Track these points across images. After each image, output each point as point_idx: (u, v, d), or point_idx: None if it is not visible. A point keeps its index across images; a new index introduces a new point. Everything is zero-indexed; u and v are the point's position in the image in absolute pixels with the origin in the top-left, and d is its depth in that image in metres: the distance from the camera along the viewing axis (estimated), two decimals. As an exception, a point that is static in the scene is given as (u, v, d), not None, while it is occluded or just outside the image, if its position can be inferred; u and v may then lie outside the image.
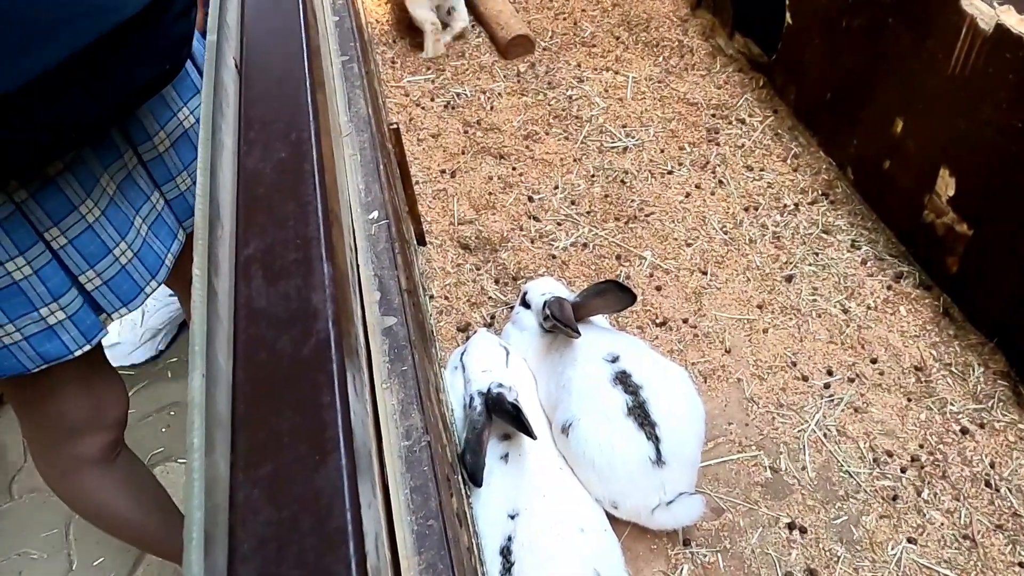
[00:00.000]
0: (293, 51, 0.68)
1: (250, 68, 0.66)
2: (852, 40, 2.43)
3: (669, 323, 2.27)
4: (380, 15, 3.68)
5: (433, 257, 2.53)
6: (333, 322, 0.45)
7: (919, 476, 1.88)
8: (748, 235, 2.49)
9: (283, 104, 0.62)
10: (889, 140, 2.33)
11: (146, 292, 1.39)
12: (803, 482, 1.89)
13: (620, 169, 2.76)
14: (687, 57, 3.22)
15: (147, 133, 1.36)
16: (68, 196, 1.23)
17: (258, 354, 0.45)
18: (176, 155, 1.43)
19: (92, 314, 1.33)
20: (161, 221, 1.44)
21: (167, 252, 1.44)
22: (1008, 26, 1.83)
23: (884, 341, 2.15)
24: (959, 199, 2.10)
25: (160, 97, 1.37)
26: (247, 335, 0.45)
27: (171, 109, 1.40)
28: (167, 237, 1.45)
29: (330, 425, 0.43)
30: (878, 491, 1.86)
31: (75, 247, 1.26)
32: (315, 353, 0.44)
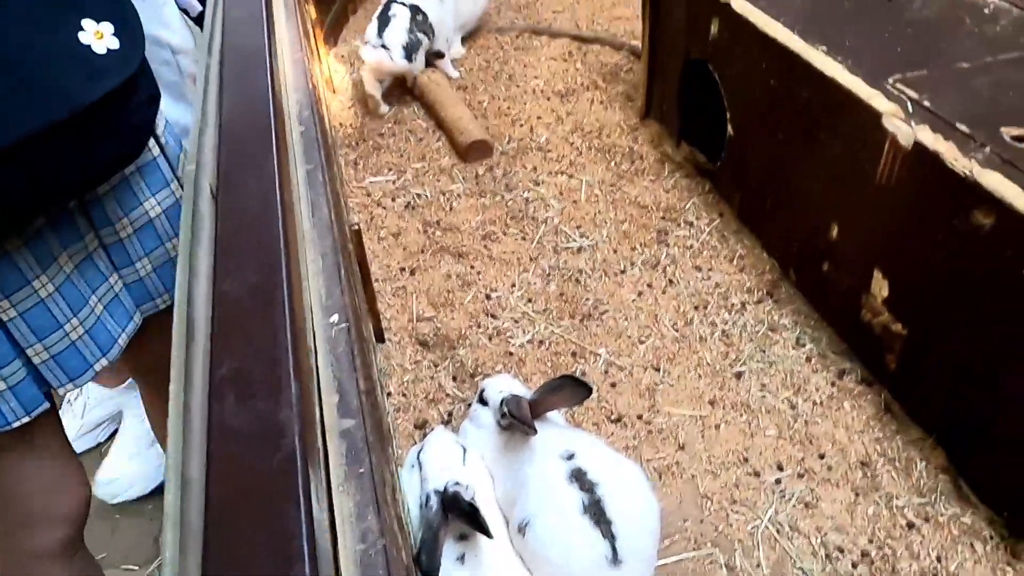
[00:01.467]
0: (266, 179, 0.74)
1: (225, 195, 0.71)
2: (788, 151, 2.61)
3: (624, 419, 2.31)
4: (345, 119, 3.82)
5: (392, 354, 2.55)
6: (299, 437, 0.48)
7: (870, 572, 1.91)
8: (698, 333, 2.58)
9: (256, 231, 0.67)
10: (826, 243, 2.47)
11: (95, 369, 1.39)
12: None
13: (575, 268, 2.86)
14: (637, 163, 3.39)
15: (110, 219, 1.40)
16: (22, 270, 1.25)
17: (230, 468, 0.47)
18: (138, 242, 1.46)
19: (35, 386, 1.32)
20: (118, 302, 1.46)
21: (121, 332, 1.45)
22: (925, 143, 2.00)
23: (831, 436, 2.22)
24: (893, 300, 2.23)
25: (127, 185, 1.41)
26: (220, 451, 0.48)
27: (138, 199, 1.44)
28: (122, 317, 1.46)
29: (295, 536, 0.45)
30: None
31: (25, 320, 1.27)
32: (282, 466, 0.47)
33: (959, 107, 2.11)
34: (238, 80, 0.94)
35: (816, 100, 2.40)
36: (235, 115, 0.85)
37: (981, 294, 1.92)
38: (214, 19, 1.39)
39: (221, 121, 0.85)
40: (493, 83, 4.03)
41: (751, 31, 2.63)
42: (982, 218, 1.86)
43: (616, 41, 4.26)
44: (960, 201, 1.91)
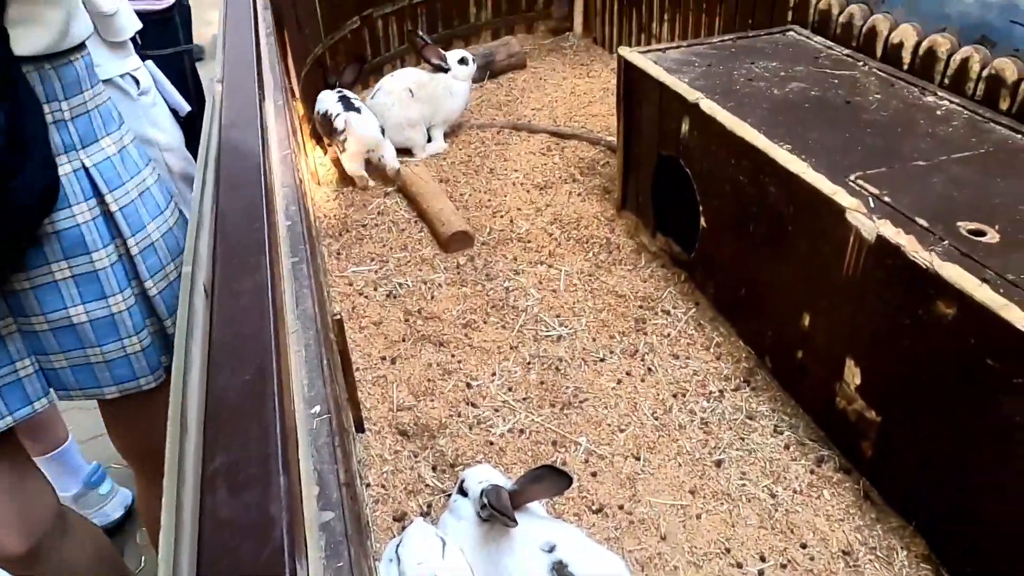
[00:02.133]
0: (259, 279, 0.78)
1: (219, 293, 0.74)
2: (759, 243, 2.71)
3: (605, 509, 2.30)
4: (329, 210, 3.91)
5: (371, 444, 2.54)
6: (287, 530, 0.50)
7: (857, 667, 1.88)
8: (678, 421, 2.60)
9: (248, 329, 0.70)
10: (799, 332, 2.54)
11: None
12: (744, 677, 1.86)
13: (555, 357, 2.89)
14: (615, 253, 3.49)
15: (26, 311, 1.44)
16: None
17: (220, 560, 0.49)
18: (55, 338, 1.49)
19: None
20: (17, 385, 1.48)
21: (8, 414, 1.48)
22: (887, 237, 2.09)
23: (811, 525, 2.22)
24: (865, 387, 2.27)
25: (55, 288, 1.44)
26: (211, 542, 0.49)
27: (63, 302, 1.46)
28: (16, 401, 1.49)
29: (281, 629, 0.47)
30: None
31: None
32: (270, 559, 0.48)
33: (917, 203, 2.23)
34: (233, 184, 1.00)
35: (783, 196, 2.51)
36: (230, 218, 0.90)
37: (948, 382, 1.97)
38: (211, 122, 1.46)
39: (216, 222, 0.90)
40: (474, 176, 4.16)
41: (719, 130, 2.78)
42: (944, 308, 1.93)
43: (592, 137, 4.44)
44: (923, 292, 1.98)
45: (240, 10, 2.06)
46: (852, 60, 3.28)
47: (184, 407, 0.63)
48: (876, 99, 2.90)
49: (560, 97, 5.04)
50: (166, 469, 0.57)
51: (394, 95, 4.28)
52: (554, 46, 5.91)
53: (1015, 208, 2.18)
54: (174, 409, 0.61)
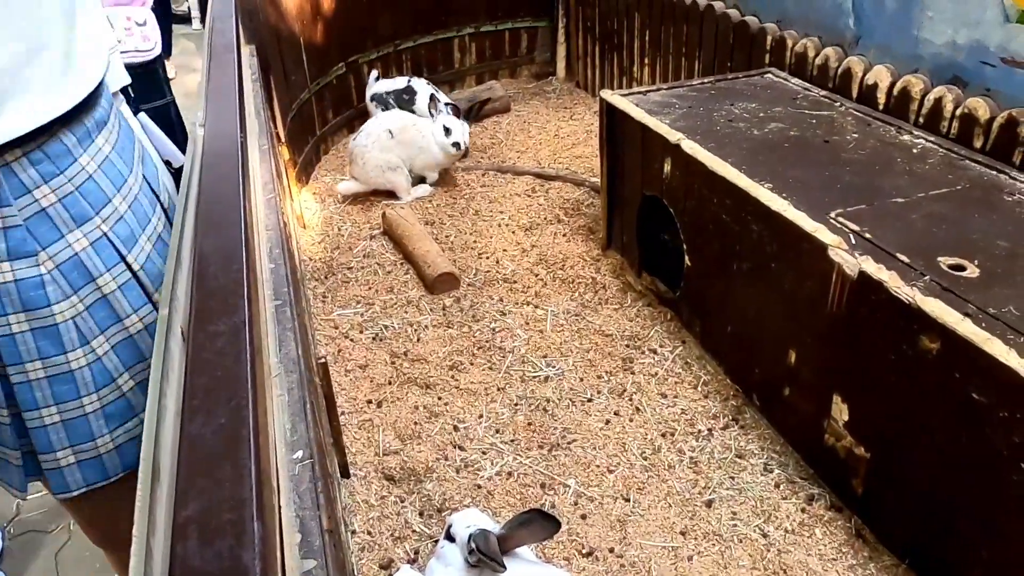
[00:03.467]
0: (237, 324, 0.77)
1: (196, 336, 0.73)
2: (743, 281, 2.72)
3: (595, 553, 2.26)
4: (314, 253, 3.91)
5: (357, 489, 2.49)
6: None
7: None
8: (667, 460, 2.58)
9: (225, 372, 0.69)
10: (785, 369, 2.54)
11: None
12: None
13: (542, 397, 2.87)
14: (600, 292, 3.49)
15: None
16: None
17: (189, 612, 0.47)
18: None
19: None
20: None
21: None
22: (869, 273, 2.11)
23: (804, 565, 2.18)
24: (854, 424, 2.27)
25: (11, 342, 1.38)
26: (180, 594, 0.48)
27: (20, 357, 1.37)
28: None
29: None
30: None
31: None
32: (242, 609, 0.47)
33: (898, 239, 2.25)
34: (213, 226, 0.99)
35: (766, 234, 2.53)
36: (209, 260, 0.89)
37: (935, 417, 1.97)
38: (192, 165, 1.47)
39: (194, 265, 0.89)
40: (460, 218, 4.18)
41: (701, 170, 2.81)
42: (929, 343, 1.94)
43: (576, 178, 4.49)
44: (907, 327, 1.99)
45: (224, 55, 2.08)
46: (829, 101, 3.35)
47: (157, 454, 0.62)
48: (854, 138, 2.96)
49: (544, 139, 5.10)
50: (136, 519, 0.56)
51: (373, 136, 4.31)
52: (537, 90, 6.00)
53: (993, 243, 2.20)
54: (146, 455, 0.60)
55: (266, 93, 3.54)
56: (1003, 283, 2.02)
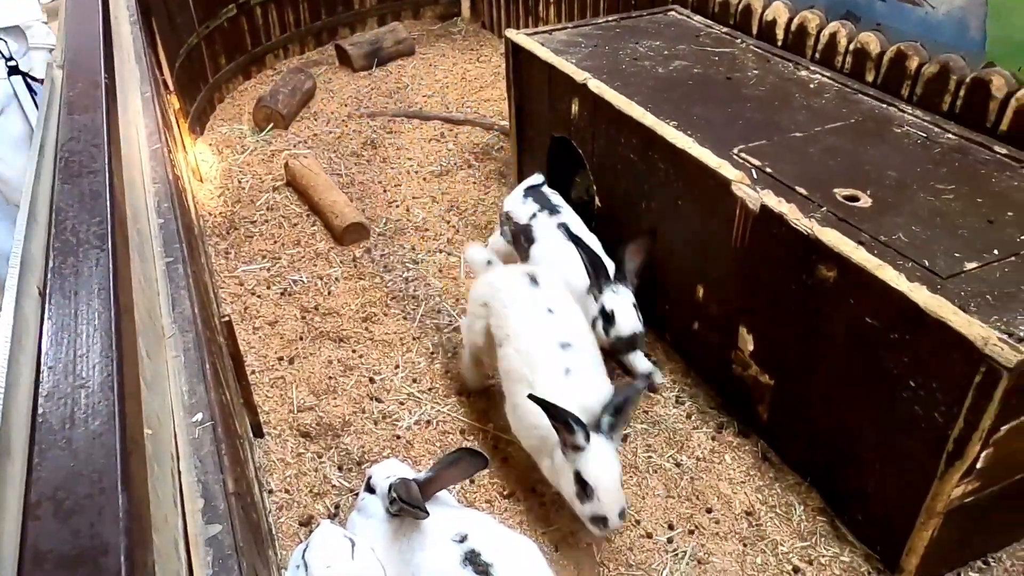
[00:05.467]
0: (100, 279, 0.70)
1: (53, 296, 0.66)
2: (652, 219, 2.75)
3: (517, 494, 2.29)
4: (213, 207, 3.72)
5: (272, 448, 2.43)
6: (126, 556, 0.44)
7: (764, 622, 1.95)
8: (583, 399, 2.61)
9: (87, 333, 0.63)
10: (694, 304, 2.60)
11: None
12: (659, 644, 1.90)
13: (459, 344, 2.86)
14: (513, 237, 3.47)
15: None
16: None
17: (41, 598, 0.43)
18: None
19: None
20: None
21: None
22: (770, 206, 2.16)
23: (715, 490, 2.28)
24: (758, 353, 2.36)
25: None
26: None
27: None
28: None
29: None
30: (729, 643, 1.90)
31: None
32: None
33: (797, 172, 2.32)
34: (71, 177, 0.90)
35: (672, 172, 2.56)
36: (68, 211, 0.81)
37: (832, 343, 2.06)
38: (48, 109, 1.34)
39: (52, 217, 0.81)
40: (367, 166, 4.06)
41: (608, 110, 2.80)
42: (826, 272, 2.01)
43: (486, 122, 4.41)
44: (806, 258, 2.06)
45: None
46: (730, 38, 3.38)
47: (5, 430, 0.56)
48: (754, 75, 3.00)
49: (451, 83, 4.98)
50: (-19, 500, 0.51)
51: None
52: (442, 32, 5.84)
53: (884, 174, 2.29)
54: (-7, 430, 0.55)
55: (148, 37, 3.29)
56: (893, 212, 2.11)
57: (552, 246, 2.74)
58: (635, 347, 2.51)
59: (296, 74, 4.75)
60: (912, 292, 1.79)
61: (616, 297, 2.47)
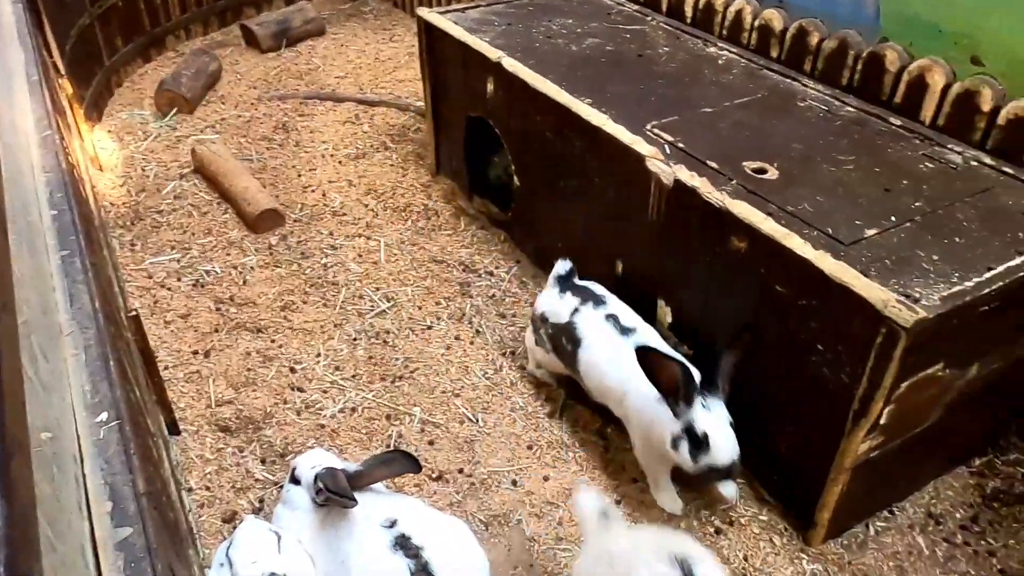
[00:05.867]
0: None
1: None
2: (570, 197, 2.77)
3: (445, 476, 2.29)
4: (116, 197, 3.54)
5: (189, 446, 2.35)
6: (6, 567, 0.41)
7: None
8: (509, 379, 2.63)
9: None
10: (614, 279, 2.64)
11: None
12: (590, 613, 1.94)
13: (381, 330, 2.82)
14: (433, 219, 3.45)
15: None
16: None
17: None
18: None
19: None
20: None
21: None
22: (683, 180, 2.21)
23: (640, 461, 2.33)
24: (677, 325, 2.41)
25: None
26: None
27: None
28: None
29: None
30: (657, 607, 1.95)
31: None
32: (-17, 604, 0.40)
33: (707, 147, 2.37)
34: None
35: (588, 149, 2.58)
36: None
37: (745, 311, 2.13)
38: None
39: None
40: (279, 151, 3.94)
41: (523, 88, 2.80)
42: (737, 243, 2.08)
43: (401, 103, 4.34)
44: (718, 229, 2.12)
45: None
46: (641, 15, 3.42)
47: None
48: (665, 51, 3.05)
49: (364, 63, 4.88)
50: None
51: None
52: (353, 11, 5.70)
53: (789, 146, 2.37)
54: None
55: (34, 17, 3.08)
56: (799, 183, 2.19)
57: (605, 347, 2.25)
58: (730, 477, 2.02)
59: (200, 56, 4.55)
60: (817, 259, 1.87)
61: (709, 416, 1.95)
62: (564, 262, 2.52)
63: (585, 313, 2.34)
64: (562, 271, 2.51)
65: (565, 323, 2.36)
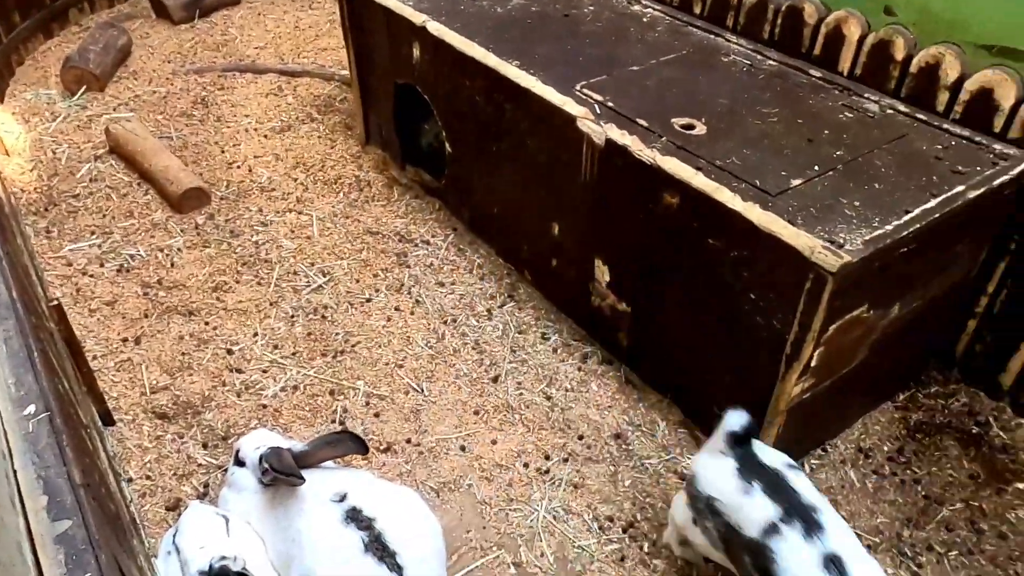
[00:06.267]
0: None
1: None
2: (502, 161, 2.76)
3: (393, 447, 2.29)
4: (26, 183, 3.36)
5: (126, 435, 2.28)
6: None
7: (639, 532, 2.07)
8: (452, 346, 2.63)
9: None
10: (551, 241, 2.66)
11: None
12: (544, 568, 1.98)
13: (319, 305, 2.78)
14: (366, 191, 3.39)
15: None
16: None
17: None
18: None
19: None
20: None
21: None
22: (614, 139, 2.23)
23: (585, 418, 2.38)
24: (614, 283, 2.45)
25: None
26: None
27: None
28: None
29: None
30: (608, 556, 2.01)
31: None
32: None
33: (636, 105, 2.39)
34: None
35: (519, 112, 2.57)
36: None
37: (679, 266, 2.17)
38: None
39: None
40: (200, 127, 3.79)
41: (450, 52, 2.75)
42: (669, 199, 2.11)
43: (325, 72, 4.22)
44: (650, 186, 2.15)
45: None
46: (564, -25, 3.39)
47: None
48: (590, 11, 3.04)
49: (284, 32, 4.72)
50: None
51: None
52: (268, -22, 5.48)
53: (715, 102, 2.41)
54: None
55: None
56: (726, 137, 2.23)
57: None
58: None
59: (107, 29, 4.31)
60: (747, 211, 1.91)
61: None
62: (739, 414, 1.76)
63: (791, 542, 1.58)
64: (736, 427, 1.75)
65: (753, 540, 1.63)
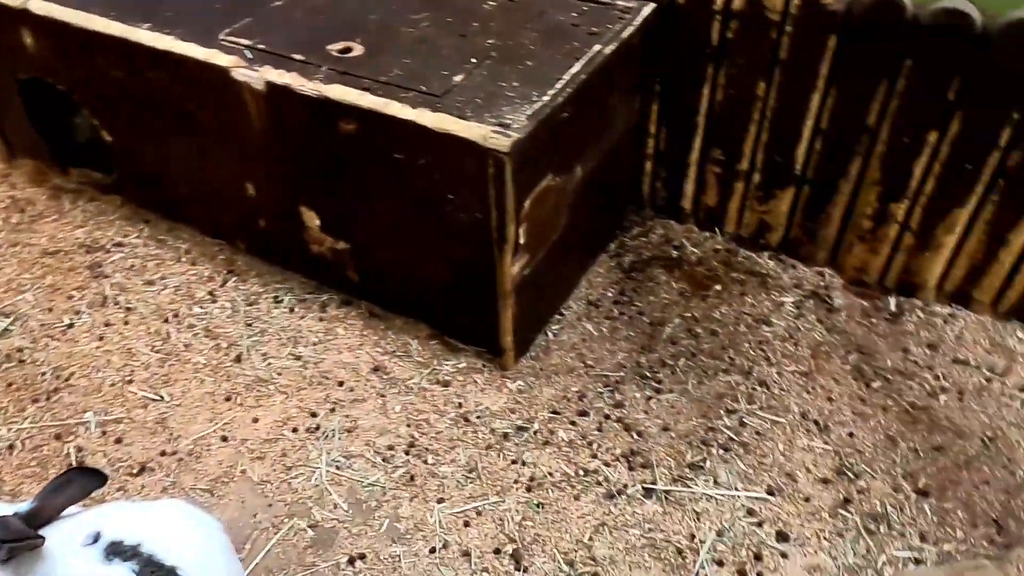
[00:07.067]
0: None
1: None
2: (172, 135, 2.54)
3: (148, 466, 2.11)
4: None
5: None
6: None
7: (421, 448, 2.13)
8: (182, 342, 2.45)
9: None
10: (250, 203, 2.53)
11: None
12: (340, 517, 1.98)
13: (12, 350, 2.43)
14: (29, 209, 2.97)
15: None
16: None
17: None
18: None
19: None
20: None
21: None
22: (273, 80, 2.13)
23: (340, 363, 2.36)
24: (326, 224, 2.40)
25: None
26: None
27: None
28: None
29: None
30: (399, 481, 2.06)
31: None
32: None
33: (288, 40, 2.29)
34: None
35: (167, 77, 2.36)
36: None
37: (377, 188, 2.18)
38: None
39: None
40: None
41: (67, 30, 2.44)
42: (347, 126, 2.08)
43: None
44: (325, 118, 2.10)
45: None
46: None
47: None
48: (214, -46, 2.82)
49: None
50: None
51: None
52: None
53: (367, 19, 2.38)
54: None
55: None
56: (384, 52, 2.23)
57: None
58: None
59: None
60: (419, 117, 1.95)
61: None
62: None
63: None
64: None
65: None
